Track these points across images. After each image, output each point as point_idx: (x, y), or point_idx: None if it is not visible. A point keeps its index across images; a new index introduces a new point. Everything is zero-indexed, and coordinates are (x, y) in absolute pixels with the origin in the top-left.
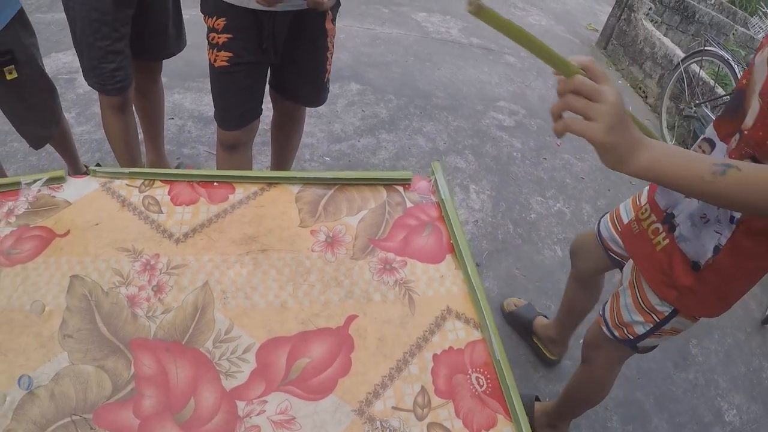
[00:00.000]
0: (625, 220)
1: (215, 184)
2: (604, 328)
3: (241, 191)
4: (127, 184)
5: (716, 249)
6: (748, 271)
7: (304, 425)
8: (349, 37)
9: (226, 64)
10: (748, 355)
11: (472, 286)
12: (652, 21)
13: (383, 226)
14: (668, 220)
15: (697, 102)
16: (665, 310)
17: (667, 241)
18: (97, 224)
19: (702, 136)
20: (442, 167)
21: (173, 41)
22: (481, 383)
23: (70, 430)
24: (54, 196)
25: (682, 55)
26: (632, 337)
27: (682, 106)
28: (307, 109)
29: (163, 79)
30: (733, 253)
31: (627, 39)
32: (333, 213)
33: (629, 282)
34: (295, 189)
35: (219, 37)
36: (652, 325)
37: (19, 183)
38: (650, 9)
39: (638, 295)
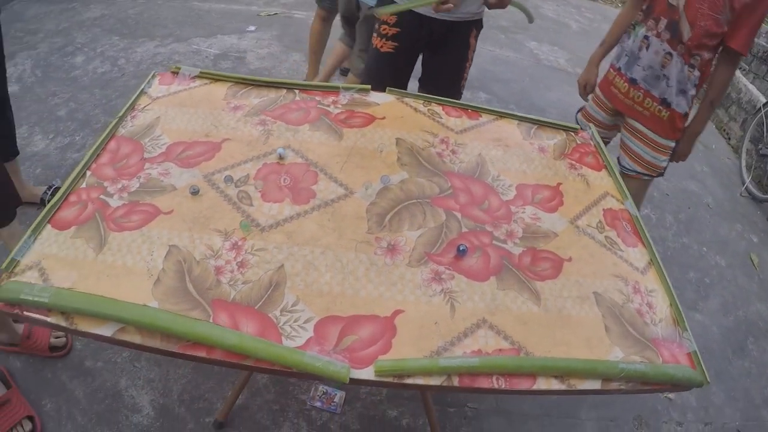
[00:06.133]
0: (598, 118)
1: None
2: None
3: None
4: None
5: (691, 99)
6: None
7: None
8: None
9: (392, 51)
10: None
11: None
12: (740, 69)
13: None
14: (664, 102)
15: None
16: (671, 143)
17: (668, 112)
18: (401, 117)
19: (663, 53)
20: None
21: None
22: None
23: (411, 210)
24: (365, 98)
25: (765, 100)
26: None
27: (759, 147)
28: None
29: None
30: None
31: None
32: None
33: (640, 140)
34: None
35: (390, 30)
36: (668, 156)
37: (337, 88)
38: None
39: (650, 143)
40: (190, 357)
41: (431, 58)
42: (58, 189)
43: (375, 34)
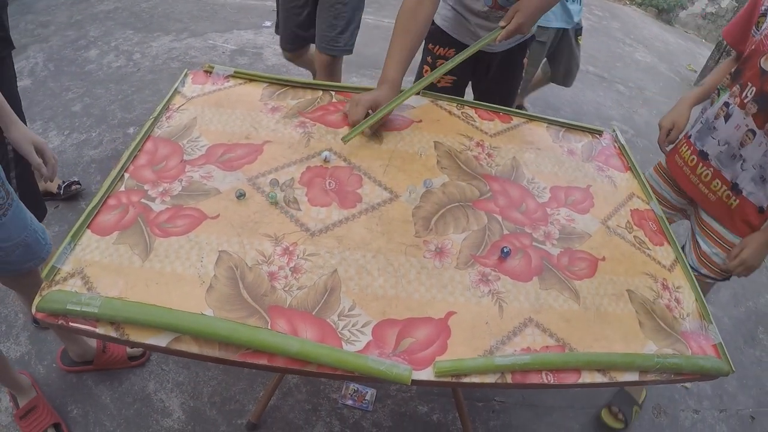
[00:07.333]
0: (663, 194)
1: None
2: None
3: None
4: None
5: None
6: None
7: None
8: None
9: (450, 85)
10: None
11: None
12: None
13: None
14: (735, 188)
15: None
16: (737, 240)
17: (737, 201)
18: (438, 120)
19: (745, 129)
20: None
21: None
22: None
23: (455, 213)
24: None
25: None
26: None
27: None
28: None
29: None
30: None
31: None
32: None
33: (711, 238)
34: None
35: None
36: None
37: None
38: None
39: (722, 243)
40: (250, 365)
41: (484, 81)
42: (75, 183)
43: (429, 69)
